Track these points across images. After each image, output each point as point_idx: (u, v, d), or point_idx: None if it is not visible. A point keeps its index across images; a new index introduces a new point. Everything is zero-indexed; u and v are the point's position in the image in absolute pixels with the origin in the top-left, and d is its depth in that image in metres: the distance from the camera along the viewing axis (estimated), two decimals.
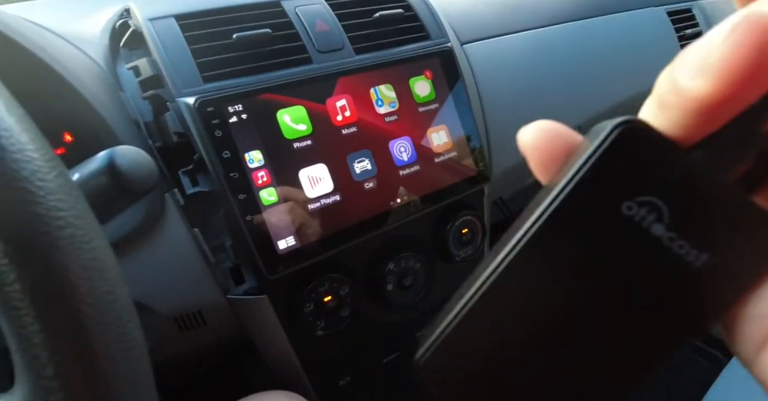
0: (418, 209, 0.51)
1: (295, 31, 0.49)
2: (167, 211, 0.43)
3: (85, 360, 0.17)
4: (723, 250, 0.11)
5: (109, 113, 0.42)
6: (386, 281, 0.51)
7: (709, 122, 0.11)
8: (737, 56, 0.09)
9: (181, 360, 0.48)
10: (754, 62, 0.09)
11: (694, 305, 0.12)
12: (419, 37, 0.55)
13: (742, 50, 0.09)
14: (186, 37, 0.44)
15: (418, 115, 0.53)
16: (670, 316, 0.12)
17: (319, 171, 0.46)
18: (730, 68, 0.10)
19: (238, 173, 0.42)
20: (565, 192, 0.12)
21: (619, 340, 0.12)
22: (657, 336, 0.12)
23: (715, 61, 0.10)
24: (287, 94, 0.46)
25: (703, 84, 0.10)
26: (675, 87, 0.11)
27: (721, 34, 0.10)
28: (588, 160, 0.11)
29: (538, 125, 0.13)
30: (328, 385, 0.51)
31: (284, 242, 0.44)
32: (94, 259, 0.18)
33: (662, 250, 0.11)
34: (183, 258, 0.43)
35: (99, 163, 0.28)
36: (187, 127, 0.42)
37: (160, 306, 0.43)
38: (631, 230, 0.11)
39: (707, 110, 0.10)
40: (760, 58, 0.09)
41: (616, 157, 0.11)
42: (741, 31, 0.09)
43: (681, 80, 0.10)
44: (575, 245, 0.12)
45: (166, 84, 0.43)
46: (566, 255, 0.12)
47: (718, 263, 0.11)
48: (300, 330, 0.47)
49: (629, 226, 0.11)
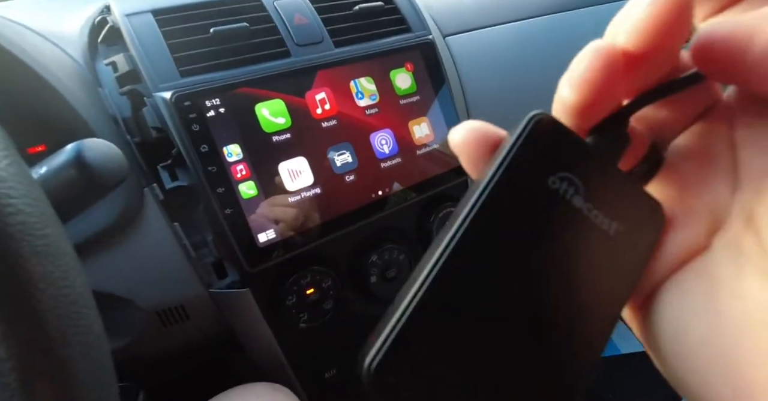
0: (401, 201, 0.52)
1: (273, 25, 0.49)
2: (146, 206, 0.43)
3: (38, 343, 0.17)
4: (624, 220, 0.13)
5: (87, 109, 0.42)
6: (370, 274, 0.51)
7: (585, 119, 0.14)
8: (589, 74, 0.12)
9: (166, 354, 0.48)
10: (600, 80, 0.12)
11: (616, 268, 0.13)
12: (400, 29, 0.55)
13: (591, 71, 0.12)
14: (163, 32, 0.44)
15: (399, 107, 0.53)
16: (601, 280, 0.13)
17: (299, 164, 0.46)
18: (584, 84, 0.13)
19: (217, 166, 0.42)
20: (499, 174, 0.13)
21: (565, 309, 0.12)
22: (595, 301, 0.13)
23: (574, 77, 0.13)
24: (265, 87, 0.46)
25: (568, 93, 0.13)
26: (557, 93, 0.13)
27: (579, 57, 0.13)
28: (514, 145, 0.13)
29: (466, 125, 0.14)
30: (313, 378, 0.51)
31: (264, 235, 0.44)
32: (47, 245, 0.18)
33: (583, 218, 0.13)
34: (164, 253, 0.44)
35: (66, 156, 0.28)
36: (164, 121, 0.42)
37: (142, 300, 0.43)
38: (557, 201, 0.13)
39: (574, 112, 0.13)
40: (605, 78, 0.12)
41: (535, 141, 0.13)
42: (590, 56, 0.12)
43: (559, 89, 0.13)
44: (512, 222, 0.13)
45: (143, 79, 0.43)
46: (505, 233, 0.12)
47: (624, 231, 0.13)
48: (283, 323, 0.47)
49: (555, 198, 0.13)
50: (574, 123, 0.14)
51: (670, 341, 0.13)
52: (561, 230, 0.13)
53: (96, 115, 0.43)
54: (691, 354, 0.12)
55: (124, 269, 0.42)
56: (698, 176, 0.14)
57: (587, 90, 0.13)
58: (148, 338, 0.45)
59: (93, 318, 0.19)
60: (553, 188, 0.13)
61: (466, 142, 0.14)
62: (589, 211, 0.13)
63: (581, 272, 0.13)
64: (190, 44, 0.45)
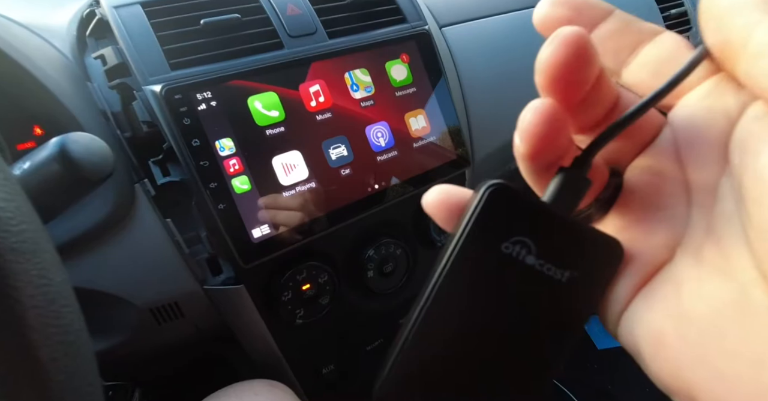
0: (398, 194, 0.51)
1: (265, 16, 0.48)
2: (138, 202, 0.42)
3: (16, 341, 0.17)
4: (578, 265, 0.15)
5: (75, 104, 0.42)
6: (366, 268, 0.50)
7: (540, 163, 0.15)
8: (532, 128, 0.14)
9: (161, 351, 0.47)
10: (543, 132, 0.14)
11: (571, 309, 0.15)
12: (395, 20, 0.54)
13: (533, 126, 0.14)
14: (152, 24, 0.43)
15: (395, 99, 0.52)
16: (557, 321, 0.15)
17: (294, 158, 0.46)
18: (530, 137, 0.14)
19: (209, 161, 0.42)
20: (459, 245, 0.15)
21: (527, 345, 0.15)
22: (553, 337, 0.15)
23: (521, 131, 0.14)
24: (258, 80, 0.45)
25: (519, 144, 0.14)
26: (515, 143, 0.15)
27: (524, 112, 0.14)
28: (471, 216, 0.15)
29: (436, 189, 0.16)
30: (311, 374, 0.51)
31: (259, 230, 0.43)
32: (23, 242, 0.17)
33: (536, 274, 0.15)
34: (156, 249, 0.43)
35: (50, 150, 0.27)
36: (154, 115, 0.41)
37: (135, 297, 0.43)
38: (511, 263, 0.15)
39: (528, 159, 0.15)
40: (546, 130, 0.14)
41: (489, 211, 0.15)
42: (531, 112, 0.14)
43: (514, 138, 0.15)
44: (475, 280, 0.15)
45: (133, 72, 0.42)
46: (471, 289, 0.15)
47: (578, 276, 0.15)
48: (279, 319, 0.46)
49: (509, 260, 0.15)
50: (529, 167, 0.15)
51: (648, 345, 0.14)
52: (516, 286, 0.15)
53: (85, 110, 0.42)
54: (668, 354, 0.13)
55: (117, 266, 0.42)
56: (655, 196, 0.15)
57: (533, 141, 0.14)
58: (142, 336, 0.44)
59: (74, 317, 0.18)
60: (507, 253, 0.15)
61: (435, 204, 0.16)
62: (541, 266, 0.15)
63: (538, 315, 0.15)
64: (180, 36, 0.44)
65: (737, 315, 0.12)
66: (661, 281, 0.14)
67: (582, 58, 0.13)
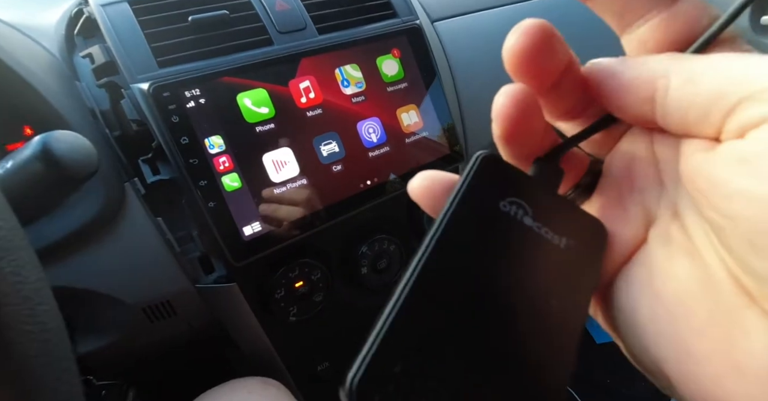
0: (390, 190, 0.50)
1: (254, 12, 0.47)
2: (128, 201, 0.42)
3: None
4: (573, 235, 0.15)
5: (64, 103, 0.41)
6: (360, 265, 0.50)
7: (515, 147, 0.16)
8: (503, 110, 0.15)
9: (155, 350, 0.47)
10: (514, 116, 0.15)
11: (575, 279, 0.14)
12: (386, 14, 0.54)
13: (504, 108, 0.15)
14: (140, 21, 0.43)
15: (386, 95, 0.51)
16: (563, 292, 0.14)
17: (284, 155, 0.45)
18: (502, 120, 0.15)
19: (198, 159, 0.41)
20: (456, 202, 0.14)
21: (532, 317, 0.13)
22: (560, 307, 0.14)
23: (494, 114, 0.15)
24: (247, 77, 0.44)
25: (494, 127, 0.15)
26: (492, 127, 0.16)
27: (496, 97, 0.15)
28: (466, 178, 0.15)
29: (421, 175, 0.16)
30: (306, 371, 0.51)
31: (250, 228, 0.43)
32: None
33: (536, 236, 0.14)
34: (147, 248, 0.43)
35: (32, 149, 0.27)
36: (142, 113, 0.41)
37: (127, 297, 0.42)
38: (510, 221, 0.14)
39: (503, 142, 0.15)
40: (517, 114, 0.14)
41: (483, 174, 0.15)
42: (502, 97, 0.15)
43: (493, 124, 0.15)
44: (473, 243, 0.14)
45: (120, 71, 0.42)
46: (467, 254, 0.14)
47: (575, 244, 0.15)
48: (272, 317, 0.46)
49: (508, 218, 0.14)
50: (509, 151, 0.16)
51: (624, 324, 0.15)
52: (517, 246, 0.14)
53: (74, 109, 0.42)
54: (641, 332, 0.14)
55: (108, 265, 0.42)
56: (630, 183, 0.16)
57: (506, 123, 0.15)
58: (135, 335, 0.44)
59: (50, 315, 0.18)
60: (505, 211, 0.14)
61: (421, 191, 0.16)
62: (539, 228, 0.14)
63: (542, 278, 0.14)
64: (167, 33, 0.43)
65: (703, 294, 0.13)
66: (637, 264, 0.15)
67: (542, 47, 0.14)
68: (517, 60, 0.14)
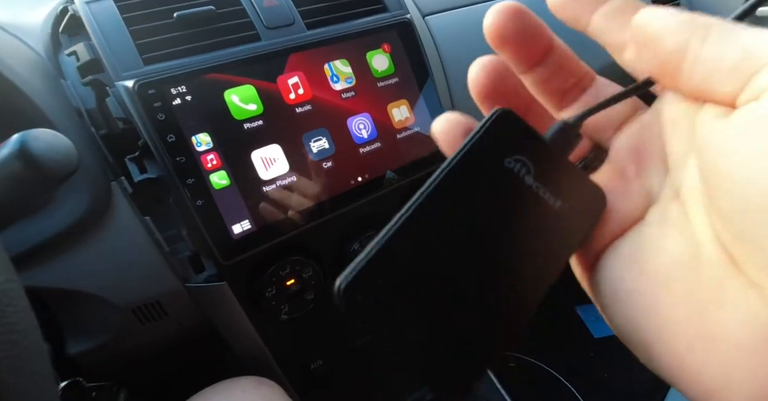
0: (382, 186, 0.50)
1: (241, 8, 0.47)
2: (115, 200, 0.42)
3: None
4: (569, 198, 0.16)
5: (46, 102, 0.41)
6: None
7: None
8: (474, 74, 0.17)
9: (146, 351, 0.47)
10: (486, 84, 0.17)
11: (559, 237, 0.15)
12: (376, 9, 0.53)
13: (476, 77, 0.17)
14: (125, 18, 0.43)
15: (376, 90, 0.51)
16: (544, 247, 0.15)
17: (273, 152, 0.45)
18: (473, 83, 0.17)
19: (185, 157, 0.41)
20: (463, 151, 0.15)
21: (511, 258, 0.15)
22: (538, 255, 0.15)
23: (469, 79, 0.17)
24: (234, 73, 0.44)
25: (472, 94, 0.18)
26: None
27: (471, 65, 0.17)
28: (479, 130, 0.16)
29: (445, 116, 0.17)
30: (299, 370, 0.50)
31: (239, 226, 0.43)
32: None
33: (532, 195, 0.15)
34: (136, 248, 0.42)
35: (10, 148, 0.26)
36: (128, 111, 0.40)
37: (116, 297, 0.42)
38: (510, 177, 0.15)
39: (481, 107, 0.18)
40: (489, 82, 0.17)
41: (496, 129, 0.16)
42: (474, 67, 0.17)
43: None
44: (471, 190, 0.15)
45: (105, 68, 0.41)
46: (465, 198, 0.15)
47: (569, 207, 0.16)
48: (264, 315, 0.46)
49: (509, 174, 0.15)
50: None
51: (608, 294, 0.15)
52: (511, 200, 0.15)
53: (59, 108, 0.42)
54: (623, 302, 0.15)
55: (96, 266, 0.41)
56: (636, 165, 0.16)
57: (478, 88, 0.17)
58: (125, 336, 0.44)
59: (21, 316, 0.18)
60: (508, 167, 0.15)
61: (443, 130, 0.17)
62: (537, 188, 0.15)
63: (527, 232, 0.15)
64: (153, 30, 0.43)
65: (687, 267, 0.14)
66: (629, 238, 0.16)
67: (517, 23, 0.16)
68: (492, 37, 0.16)
